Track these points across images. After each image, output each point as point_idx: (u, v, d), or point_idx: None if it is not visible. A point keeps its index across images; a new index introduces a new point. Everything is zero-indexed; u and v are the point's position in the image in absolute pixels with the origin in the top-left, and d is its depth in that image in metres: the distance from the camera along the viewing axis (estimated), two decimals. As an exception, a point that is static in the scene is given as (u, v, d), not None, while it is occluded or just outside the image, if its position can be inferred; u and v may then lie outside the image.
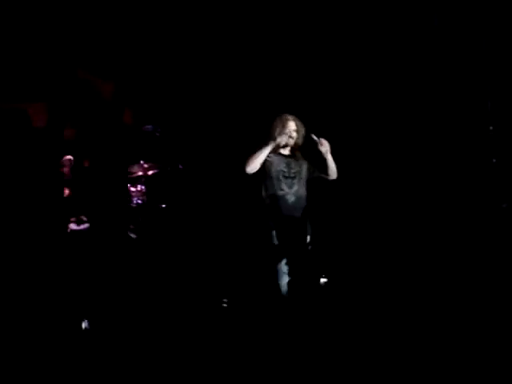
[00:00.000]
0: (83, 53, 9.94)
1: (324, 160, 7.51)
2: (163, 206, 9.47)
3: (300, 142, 7.61)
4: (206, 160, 9.95)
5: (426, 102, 9.50)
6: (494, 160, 9.02)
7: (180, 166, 9.46)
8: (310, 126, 7.75)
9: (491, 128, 9.09)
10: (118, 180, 9.36)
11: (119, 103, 10.17)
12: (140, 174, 9.45)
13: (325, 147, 7.50)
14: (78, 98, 10.02)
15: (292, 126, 7.59)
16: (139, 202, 9.34)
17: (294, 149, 7.62)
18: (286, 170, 7.51)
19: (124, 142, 9.78)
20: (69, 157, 9.20)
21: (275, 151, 7.54)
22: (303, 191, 7.55)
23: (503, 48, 9.14)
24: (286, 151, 7.60)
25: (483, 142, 9.13)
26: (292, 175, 7.51)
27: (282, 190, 7.46)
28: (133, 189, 9.39)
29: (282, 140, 7.53)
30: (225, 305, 8.15)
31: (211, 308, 8.10)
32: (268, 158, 7.43)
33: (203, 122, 10.09)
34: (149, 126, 9.50)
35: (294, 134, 7.59)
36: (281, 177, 7.46)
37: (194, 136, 10.07)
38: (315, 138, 7.47)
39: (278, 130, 7.53)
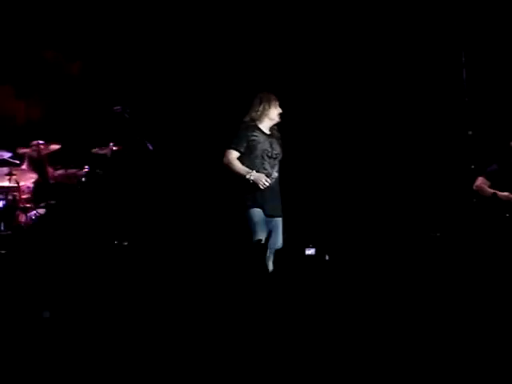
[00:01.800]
0: (48, 32, 9.74)
1: None
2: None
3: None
4: (178, 141, 9.81)
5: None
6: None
7: (150, 147, 9.22)
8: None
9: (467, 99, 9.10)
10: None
11: (88, 83, 9.97)
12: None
13: None
14: (45, 78, 9.82)
15: (278, 104, 7.49)
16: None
17: (273, 128, 7.51)
18: (269, 149, 7.42)
19: (93, 124, 9.59)
20: (37, 142, 8.99)
21: (259, 129, 7.42)
22: (278, 173, 7.45)
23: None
24: (267, 130, 7.49)
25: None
26: (274, 156, 7.44)
27: (265, 169, 7.35)
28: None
29: (274, 119, 7.43)
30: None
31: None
32: (255, 137, 7.32)
33: (174, 102, 9.96)
34: (117, 107, 9.23)
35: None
36: (265, 156, 7.36)
37: (165, 116, 9.93)
38: None
39: (266, 106, 7.40)
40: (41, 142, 8.98)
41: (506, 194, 8.18)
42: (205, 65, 9.87)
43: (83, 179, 8.93)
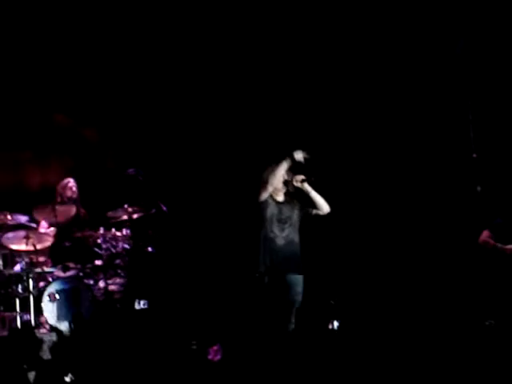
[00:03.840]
0: (64, 99, 9.99)
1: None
2: (150, 249, 9.39)
3: (291, 188, 7.76)
4: (191, 201, 9.96)
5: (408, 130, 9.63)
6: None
7: (164, 208, 9.39)
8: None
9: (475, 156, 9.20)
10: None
11: (103, 148, 10.19)
12: (125, 218, 9.37)
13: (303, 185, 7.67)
14: (60, 143, 10.07)
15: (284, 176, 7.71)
16: (125, 246, 9.25)
17: (286, 194, 7.72)
18: (278, 214, 7.61)
19: (108, 186, 9.78)
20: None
21: (270, 197, 7.66)
22: (294, 236, 7.59)
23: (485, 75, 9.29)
24: (279, 197, 7.71)
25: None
26: (284, 220, 7.62)
27: (272, 232, 7.55)
28: (118, 233, 9.29)
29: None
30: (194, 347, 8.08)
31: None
32: (264, 202, 7.54)
33: (185, 163, 10.13)
34: (131, 170, 9.43)
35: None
36: (274, 220, 7.56)
37: (177, 177, 10.10)
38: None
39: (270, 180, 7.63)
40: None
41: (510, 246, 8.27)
42: (217, 126, 10.06)
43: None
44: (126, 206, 9.30)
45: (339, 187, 9.57)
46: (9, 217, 8.94)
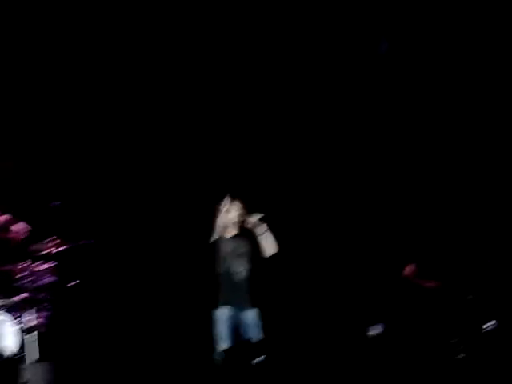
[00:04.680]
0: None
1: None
2: (75, 282, 9.28)
3: (245, 223, 7.92)
4: (119, 233, 9.92)
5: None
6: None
7: (90, 241, 9.32)
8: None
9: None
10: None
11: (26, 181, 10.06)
12: (50, 250, 9.23)
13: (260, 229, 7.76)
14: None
15: (235, 213, 7.81)
16: (51, 279, 9.11)
17: (241, 229, 7.84)
18: (233, 250, 7.72)
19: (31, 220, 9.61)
20: None
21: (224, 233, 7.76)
22: (249, 271, 7.83)
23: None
24: (233, 233, 7.83)
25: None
26: (239, 255, 7.73)
27: (229, 268, 7.66)
28: (44, 266, 9.14)
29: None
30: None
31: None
32: (219, 240, 7.72)
33: (113, 194, 10.12)
34: (56, 202, 9.34)
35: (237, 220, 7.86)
36: (228, 257, 7.62)
37: (104, 208, 10.06)
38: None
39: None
40: None
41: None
42: (151, 154, 10.13)
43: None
44: (51, 238, 9.20)
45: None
46: None
